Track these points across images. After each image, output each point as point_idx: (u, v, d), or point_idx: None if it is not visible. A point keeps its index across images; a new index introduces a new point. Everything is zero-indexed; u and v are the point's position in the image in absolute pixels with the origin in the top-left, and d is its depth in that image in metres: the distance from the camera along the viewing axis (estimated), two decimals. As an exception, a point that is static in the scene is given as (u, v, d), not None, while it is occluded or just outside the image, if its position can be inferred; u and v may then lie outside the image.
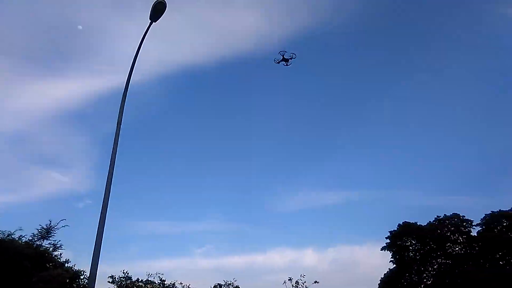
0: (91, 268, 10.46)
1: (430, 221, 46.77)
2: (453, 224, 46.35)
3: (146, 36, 14.29)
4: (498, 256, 42.82)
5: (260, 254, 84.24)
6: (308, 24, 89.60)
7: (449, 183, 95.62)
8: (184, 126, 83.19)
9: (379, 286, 45.40)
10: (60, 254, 26.03)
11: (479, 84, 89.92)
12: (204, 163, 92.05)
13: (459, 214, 46.35)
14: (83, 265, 29.97)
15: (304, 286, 19.15)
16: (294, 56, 32.11)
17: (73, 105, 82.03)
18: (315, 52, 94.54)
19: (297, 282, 19.20)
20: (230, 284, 22.55)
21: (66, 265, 27.56)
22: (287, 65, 32.39)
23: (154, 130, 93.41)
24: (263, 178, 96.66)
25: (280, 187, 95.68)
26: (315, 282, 19.23)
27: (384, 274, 45.94)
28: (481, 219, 46.74)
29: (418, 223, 46.25)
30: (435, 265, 45.82)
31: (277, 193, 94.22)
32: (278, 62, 33.18)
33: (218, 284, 22.91)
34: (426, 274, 45.68)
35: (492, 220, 46.14)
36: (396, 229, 46.79)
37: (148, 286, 19.66)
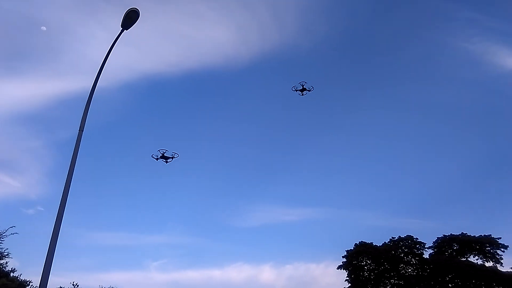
0: (41, 278, 10.04)
1: (385, 242, 48.09)
2: (406, 245, 47.89)
3: (116, 43, 14.17)
4: (448, 278, 44.57)
5: (218, 269, 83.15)
6: (277, 44, 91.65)
7: (404, 206, 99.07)
8: (145, 136, 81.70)
9: (334, 305, 45.94)
10: (6, 263, 24.64)
11: (436, 114, 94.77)
12: (164, 175, 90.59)
13: (412, 236, 48.00)
14: (30, 274, 28.55)
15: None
16: (312, 88, 36.85)
17: (29, 106, 78.59)
18: (281, 71, 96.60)
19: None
20: (185, 299, 21.97)
21: (12, 274, 26.13)
22: (302, 94, 36.67)
23: (113, 138, 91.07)
24: (223, 193, 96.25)
25: (240, 203, 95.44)
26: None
27: (340, 293, 46.58)
28: (433, 242, 48.72)
29: (374, 244, 47.42)
30: (388, 285, 46.96)
31: (237, 208, 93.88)
32: (296, 90, 37.10)
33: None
34: (379, 294, 46.74)
35: (444, 243, 48.18)
36: (352, 248, 47.72)
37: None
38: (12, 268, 26.47)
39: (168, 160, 27.71)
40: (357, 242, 48.05)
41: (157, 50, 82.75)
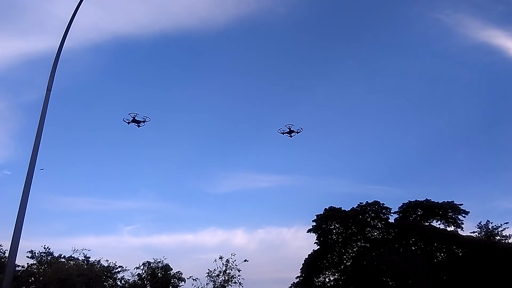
0: (12, 242, 9.81)
1: (353, 207, 49.65)
2: (373, 210, 49.65)
3: (82, 2, 13.43)
4: (411, 242, 46.84)
5: (191, 233, 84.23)
6: (253, 8, 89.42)
7: (373, 174, 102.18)
8: (116, 98, 79.46)
9: (303, 265, 47.55)
10: (-27, 227, 23.97)
11: (406, 82, 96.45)
12: (136, 138, 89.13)
13: (379, 202, 49.69)
14: (-1, 239, 27.95)
15: (234, 265, 19.39)
16: (301, 130, 35.42)
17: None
18: (256, 37, 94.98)
19: (227, 261, 19.50)
20: (159, 262, 22.27)
21: (-22, 238, 25.51)
22: (290, 136, 35.38)
23: (82, 100, 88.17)
24: (196, 160, 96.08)
25: (213, 170, 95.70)
26: (245, 260, 19.72)
27: (309, 254, 48.20)
28: (399, 207, 50.73)
29: (343, 209, 48.88)
30: (355, 247, 49.00)
31: (210, 175, 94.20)
32: (283, 133, 35.74)
33: (147, 261, 22.52)
34: (346, 255, 48.75)
35: (408, 209, 50.24)
36: (322, 213, 49.06)
37: (71, 262, 18.75)
38: (-22, 232, 25.87)
39: (140, 124, 27.11)
40: (327, 207, 49.39)
41: (127, 9, 79.01)
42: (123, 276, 23.51)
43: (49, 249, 23.48)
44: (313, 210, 64.64)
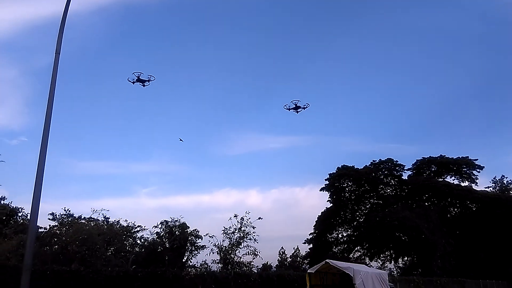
0: (32, 205, 10.04)
1: (366, 165, 49.53)
2: (387, 168, 49.51)
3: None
4: (425, 198, 46.94)
5: (207, 194, 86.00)
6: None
7: (387, 131, 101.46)
8: (126, 62, 78.75)
9: (316, 222, 48.35)
10: (-5, 191, 24.74)
11: (420, 36, 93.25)
12: (150, 102, 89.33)
13: (392, 159, 49.40)
14: (20, 203, 28.88)
15: (248, 222, 19.75)
16: (307, 105, 34.80)
17: (1, 34, 74.20)
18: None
19: (242, 218, 19.82)
20: (176, 220, 22.81)
21: (1, 202, 26.39)
22: (297, 112, 35.13)
23: (92, 64, 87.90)
24: (209, 121, 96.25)
25: (226, 131, 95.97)
26: (259, 218, 20.03)
27: (322, 212, 48.83)
28: (412, 164, 50.47)
29: (356, 167, 48.84)
30: (368, 205, 49.42)
31: (223, 136, 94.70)
32: (289, 109, 35.22)
33: (165, 220, 23.09)
34: (359, 212, 49.31)
35: (422, 165, 49.98)
36: (335, 171, 49.10)
37: (92, 223, 19.34)
38: (2, 196, 26.71)
39: (145, 84, 26.84)
40: (339, 166, 49.37)
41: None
42: (142, 235, 24.18)
43: (69, 211, 24.15)
44: (326, 170, 65.00)
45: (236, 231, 19.87)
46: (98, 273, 11.65)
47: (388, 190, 50.29)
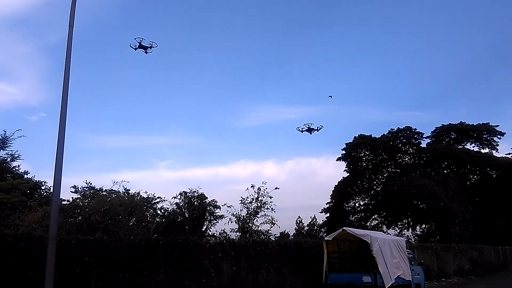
0: (54, 179, 10.26)
1: (384, 134, 48.91)
2: (405, 136, 48.80)
3: None
4: (443, 165, 46.35)
5: (223, 166, 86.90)
6: None
7: (404, 99, 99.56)
8: (142, 34, 78.28)
9: (333, 192, 48.47)
10: (18, 166, 25.45)
11: (437, 4, 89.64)
12: (166, 75, 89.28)
13: (411, 127, 48.59)
14: (43, 177, 29.72)
15: (265, 192, 19.92)
16: (321, 127, 35.66)
17: (14, 10, 74.45)
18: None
19: (259, 189, 19.97)
20: (195, 191, 23.18)
21: (25, 176, 27.16)
22: (310, 134, 36.13)
23: (108, 38, 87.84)
24: (224, 93, 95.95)
25: (241, 102, 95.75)
26: (276, 188, 20.15)
27: (338, 182, 48.81)
28: (431, 132, 49.64)
29: (373, 136, 48.26)
30: (385, 173, 49.11)
31: (238, 108, 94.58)
32: (302, 131, 36.07)
33: (183, 191, 23.51)
34: (376, 182, 49.09)
35: (441, 133, 49.12)
36: (351, 141, 48.66)
37: (113, 195, 19.80)
38: (25, 171, 27.48)
39: (147, 51, 26.47)
40: (356, 135, 48.83)
41: None
42: (162, 206, 24.72)
43: (90, 183, 24.70)
44: (343, 140, 64.52)
45: (253, 201, 20.06)
46: (121, 242, 11.99)
47: (406, 159, 49.77)
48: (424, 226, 46.48)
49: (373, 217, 47.79)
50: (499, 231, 40.98)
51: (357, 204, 48.50)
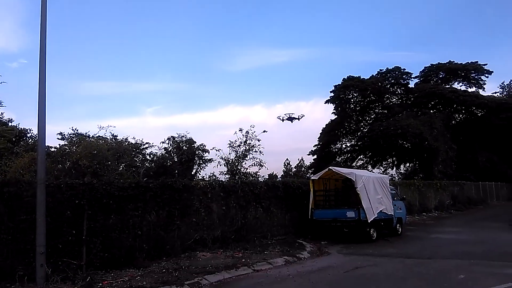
0: (38, 127, 10.07)
1: (372, 75, 48.64)
2: (393, 76, 48.68)
3: None
4: (430, 105, 46.73)
5: (211, 111, 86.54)
6: None
7: (394, 38, 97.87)
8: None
9: (320, 134, 49.00)
10: (2, 113, 24.97)
11: None
12: (151, 19, 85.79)
13: (400, 67, 48.36)
14: (28, 125, 29.34)
15: (253, 135, 20.04)
16: (301, 116, 41.40)
17: None
18: None
19: (247, 132, 20.07)
20: (183, 136, 23.17)
21: (10, 124, 26.75)
22: (291, 122, 41.65)
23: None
24: (210, 36, 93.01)
25: (228, 46, 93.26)
26: (264, 131, 20.29)
27: (326, 124, 49.21)
28: (420, 71, 49.49)
29: (362, 77, 47.95)
30: (373, 115, 49.49)
31: (225, 51, 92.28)
32: (283, 120, 40.96)
33: (172, 136, 23.47)
34: (363, 123, 49.60)
35: (430, 72, 49.01)
36: (340, 83, 48.37)
37: (101, 141, 19.63)
38: (9, 118, 27.03)
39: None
40: (345, 77, 48.45)
41: None
42: (151, 151, 24.77)
43: (77, 130, 24.39)
44: (332, 82, 64.03)
45: (242, 144, 20.21)
46: (111, 185, 12.10)
47: (394, 99, 50.02)
48: (408, 164, 47.77)
49: (359, 157, 48.85)
50: (481, 168, 42.37)
51: (343, 146, 49.36)
